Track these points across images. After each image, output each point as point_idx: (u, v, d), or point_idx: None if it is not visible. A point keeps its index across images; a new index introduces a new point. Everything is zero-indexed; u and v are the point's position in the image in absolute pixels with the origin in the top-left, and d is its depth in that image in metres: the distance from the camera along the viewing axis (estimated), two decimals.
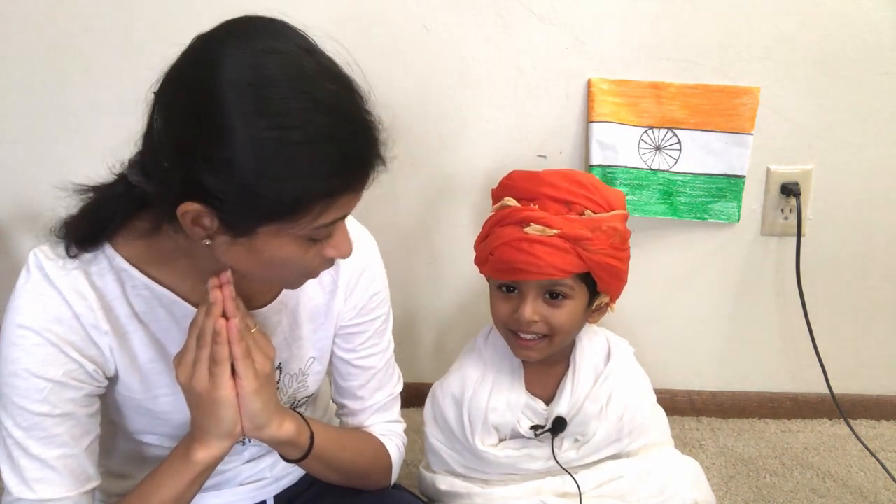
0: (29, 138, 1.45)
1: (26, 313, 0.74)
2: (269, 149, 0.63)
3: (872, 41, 1.35)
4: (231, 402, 0.77)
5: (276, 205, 0.66)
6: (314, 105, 0.65)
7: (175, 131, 0.66)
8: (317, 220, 0.69)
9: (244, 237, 0.69)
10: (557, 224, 0.97)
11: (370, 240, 0.96)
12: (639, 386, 1.14)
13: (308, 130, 0.64)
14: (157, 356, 0.82)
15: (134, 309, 0.79)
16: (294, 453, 0.86)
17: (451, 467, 1.14)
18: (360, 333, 0.96)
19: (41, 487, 0.75)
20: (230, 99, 0.62)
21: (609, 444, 1.11)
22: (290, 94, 0.64)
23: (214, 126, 0.63)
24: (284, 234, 0.69)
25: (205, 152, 0.64)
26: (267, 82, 0.63)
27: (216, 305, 0.75)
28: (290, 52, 0.66)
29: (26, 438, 0.75)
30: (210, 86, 0.63)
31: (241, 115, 0.62)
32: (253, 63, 0.64)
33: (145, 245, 0.77)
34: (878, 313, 1.57)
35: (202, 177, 0.64)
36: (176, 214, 0.68)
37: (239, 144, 0.63)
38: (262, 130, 0.63)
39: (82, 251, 0.76)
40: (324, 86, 0.66)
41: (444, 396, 1.12)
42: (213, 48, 0.65)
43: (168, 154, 0.66)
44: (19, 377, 0.74)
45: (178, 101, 0.66)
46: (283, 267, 0.73)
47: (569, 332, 1.05)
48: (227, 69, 0.63)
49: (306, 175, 0.65)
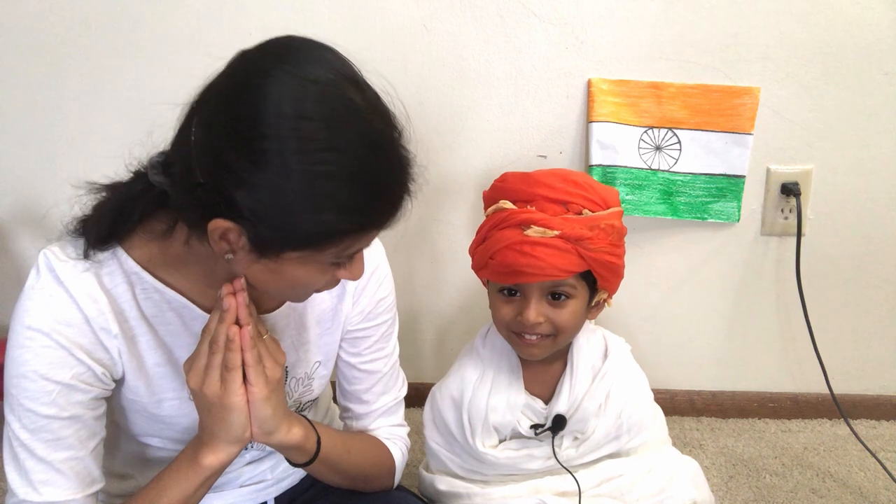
0: (29, 138, 1.45)
1: (36, 315, 0.74)
2: (307, 181, 0.64)
3: (872, 41, 1.35)
4: (242, 408, 0.77)
5: (306, 235, 0.67)
6: (353, 143, 0.65)
7: (214, 147, 0.66)
8: (343, 253, 0.71)
9: (269, 259, 0.69)
10: (557, 225, 0.97)
11: (378, 244, 0.96)
12: (636, 383, 1.14)
13: (345, 168, 0.65)
14: (163, 360, 0.82)
15: (143, 312, 0.79)
16: (301, 458, 0.86)
17: (450, 469, 1.14)
18: (366, 338, 0.96)
19: (47, 490, 0.75)
20: (272, 128, 0.63)
21: (608, 441, 1.11)
22: (330, 131, 0.64)
23: (254, 151, 0.63)
24: (309, 261, 0.70)
25: (242, 173, 0.64)
26: (309, 116, 0.64)
27: (230, 312, 0.75)
28: (334, 83, 0.66)
29: (33, 440, 0.75)
30: (254, 112, 0.63)
31: (281, 145, 0.63)
32: (298, 93, 0.64)
33: (157, 248, 0.77)
34: (878, 313, 1.57)
35: (237, 196, 0.65)
36: (201, 225, 0.68)
37: (276, 173, 0.63)
38: (301, 164, 0.63)
39: (98, 250, 0.76)
40: (365, 123, 0.67)
41: (444, 399, 1.12)
42: (258, 73, 0.65)
43: (205, 168, 0.66)
44: (28, 379, 0.74)
45: (220, 120, 0.66)
46: (299, 287, 0.75)
47: (573, 331, 1.06)
48: (271, 98, 0.63)
49: (339, 211, 0.66)
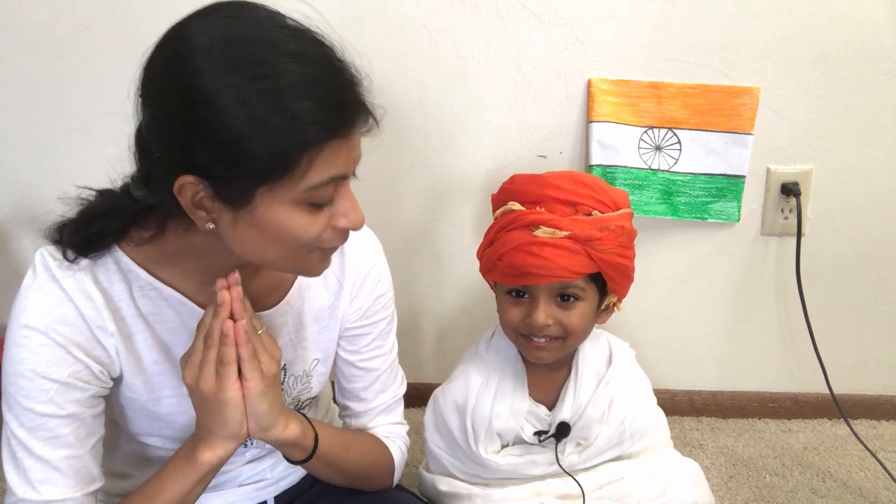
0: (29, 138, 1.45)
1: (32, 314, 0.74)
2: (244, 104, 0.63)
3: (872, 41, 1.35)
4: (237, 403, 0.77)
5: (260, 161, 0.65)
6: (283, 55, 0.65)
7: (158, 114, 0.67)
8: (308, 176, 0.67)
9: (244, 210, 0.68)
10: (567, 226, 0.96)
11: (375, 241, 0.96)
12: (640, 390, 1.13)
13: (277, 79, 0.64)
14: (161, 357, 0.82)
15: (140, 310, 0.79)
16: (298, 455, 0.86)
17: (451, 473, 1.13)
18: (364, 335, 0.96)
19: (46, 488, 0.75)
20: (203, 64, 0.64)
21: (610, 447, 1.10)
22: (257, 47, 0.65)
23: (190, 95, 0.64)
24: (282, 199, 0.68)
25: (187, 125, 0.65)
26: (232, 40, 0.65)
27: (224, 306, 0.75)
28: (256, 15, 0.67)
29: (31, 439, 0.75)
30: (183, 60, 0.65)
31: (209, 75, 0.63)
32: (217, 27, 0.65)
33: (152, 247, 0.77)
34: (878, 313, 1.57)
35: (190, 152, 0.65)
36: (180, 210, 0.68)
37: (216, 105, 0.63)
38: (231, 86, 0.63)
39: (82, 256, 0.76)
40: (294, 39, 0.67)
41: (447, 404, 1.11)
42: (178, 28, 0.67)
43: (156, 141, 0.67)
44: (25, 378, 0.74)
45: (157, 87, 0.67)
46: (293, 240, 0.71)
47: (582, 334, 1.04)
48: (193, 38, 0.65)
49: (282, 124, 0.65)
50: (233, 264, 0.76)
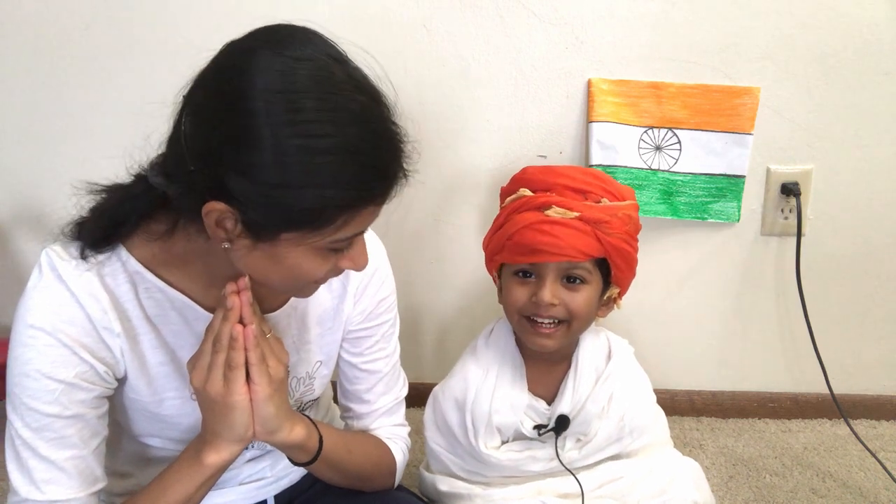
0: (29, 138, 1.45)
1: (38, 314, 0.74)
2: (295, 156, 0.63)
3: (872, 41, 1.35)
4: (245, 407, 0.77)
5: (300, 213, 0.66)
6: (342, 115, 0.65)
7: (203, 135, 0.66)
8: (339, 232, 0.69)
9: (266, 243, 0.69)
10: (578, 208, 0.99)
11: (379, 245, 0.96)
12: (639, 386, 1.14)
13: (335, 141, 0.65)
14: (165, 359, 0.82)
15: (146, 311, 0.79)
16: (303, 457, 0.86)
17: (451, 471, 1.13)
18: (367, 338, 0.96)
19: (50, 488, 0.75)
20: (259, 104, 0.63)
21: (610, 443, 1.11)
22: (319, 103, 0.64)
23: (243, 131, 0.63)
24: (305, 244, 0.69)
25: (232, 156, 0.64)
26: (296, 90, 0.64)
27: (234, 311, 0.75)
28: (320, 61, 0.66)
29: (36, 439, 0.75)
30: (240, 91, 0.63)
31: (269, 121, 0.63)
32: (283, 71, 0.64)
33: (159, 247, 0.77)
34: (879, 313, 1.57)
35: (228, 180, 0.65)
36: (198, 215, 0.68)
37: (266, 150, 0.63)
38: (290, 138, 0.63)
39: (96, 252, 0.76)
40: (353, 96, 0.66)
41: (446, 400, 1.12)
42: (243, 55, 0.66)
43: (195, 157, 0.66)
44: (30, 378, 0.74)
45: (208, 106, 0.66)
46: (299, 277, 0.73)
47: (585, 319, 1.05)
48: (257, 76, 0.63)
49: (331, 185, 0.65)
50: (237, 270, 0.77)
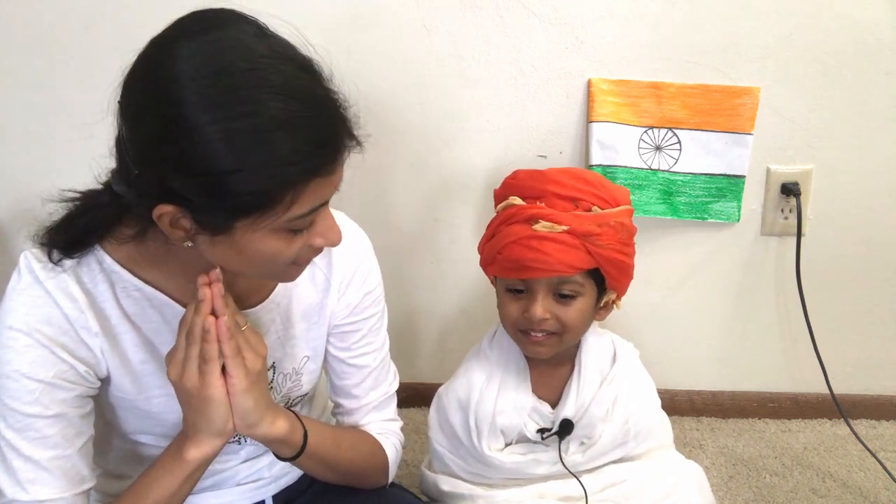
0: (29, 139, 1.45)
1: (16, 315, 0.74)
2: (223, 141, 0.62)
3: (872, 41, 1.35)
4: (221, 400, 0.77)
5: (242, 198, 0.65)
6: (268, 90, 0.63)
7: (137, 136, 0.66)
8: (291, 210, 0.67)
9: (222, 234, 0.68)
10: (566, 220, 0.97)
11: (363, 237, 0.96)
12: (644, 389, 1.13)
13: (265, 117, 0.63)
14: (148, 357, 0.82)
15: (124, 310, 0.79)
16: (287, 451, 0.86)
17: (454, 473, 1.13)
18: (354, 332, 0.96)
19: (35, 489, 0.75)
20: (183, 94, 0.62)
21: (615, 447, 1.10)
22: (242, 81, 0.63)
23: (170, 123, 0.63)
24: (261, 228, 0.68)
25: (166, 153, 0.64)
26: (215, 73, 0.63)
27: (205, 303, 0.74)
28: (240, 40, 0.65)
29: (19, 440, 0.75)
30: (163, 84, 0.63)
31: (193, 108, 0.62)
32: (201, 56, 0.63)
33: (134, 248, 0.77)
34: (878, 313, 1.57)
35: (168, 179, 0.64)
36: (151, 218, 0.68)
37: (195, 140, 0.62)
38: (215, 122, 0.62)
39: (67, 257, 0.76)
40: (278, 68, 0.65)
41: (450, 402, 1.11)
42: (163, 47, 0.65)
43: (135, 160, 0.66)
44: (10, 379, 0.74)
45: (136, 104, 0.66)
46: (270, 261, 0.72)
47: (579, 330, 1.04)
48: (176, 65, 0.63)
49: (268, 163, 0.64)
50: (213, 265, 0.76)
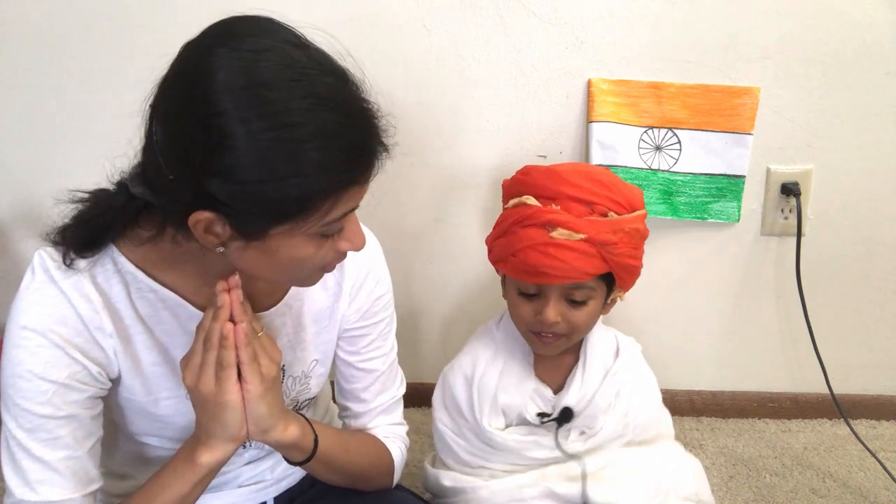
0: (29, 139, 1.45)
1: (30, 315, 0.74)
2: (270, 150, 0.63)
3: (872, 41, 1.35)
4: (237, 405, 0.77)
5: (284, 205, 0.66)
6: (311, 101, 0.65)
7: (176, 143, 0.66)
8: (327, 217, 0.69)
9: (257, 241, 0.69)
10: (583, 228, 0.97)
11: (374, 242, 0.96)
12: (646, 383, 1.15)
13: (308, 127, 0.64)
14: (159, 359, 0.82)
15: (138, 312, 0.79)
16: (298, 456, 0.86)
17: (457, 455, 1.14)
18: (363, 336, 0.96)
19: (44, 489, 0.75)
20: (227, 105, 0.62)
21: (614, 439, 1.11)
22: (286, 93, 0.64)
23: (215, 133, 0.63)
24: (296, 234, 0.69)
25: (208, 161, 0.64)
26: (261, 83, 0.63)
27: (224, 309, 0.75)
28: (280, 50, 0.65)
29: (29, 440, 0.75)
30: (205, 94, 0.63)
31: (239, 119, 0.62)
32: (245, 65, 0.63)
33: (150, 249, 0.77)
34: (878, 313, 1.57)
35: (208, 184, 0.65)
36: (184, 223, 0.68)
37: (240, 149, 0.63)
38: (262, 132, 0.63)
39: (81, 257, 0.76)
40: (319, 80, 0.66)
41: (456, 377, 1.13)
42: (202, 56, 0.65)
43: (173, 166, 0.66)
44: (23, 379, 0.74)
45: (175, 112, 0.66)
46: (299, 267, 0.73)
47: (587, 329, 1.08)
48: (219, 76, 0.63)
49: (311, 172, 0.65)
50: (229, 268, 0.77)
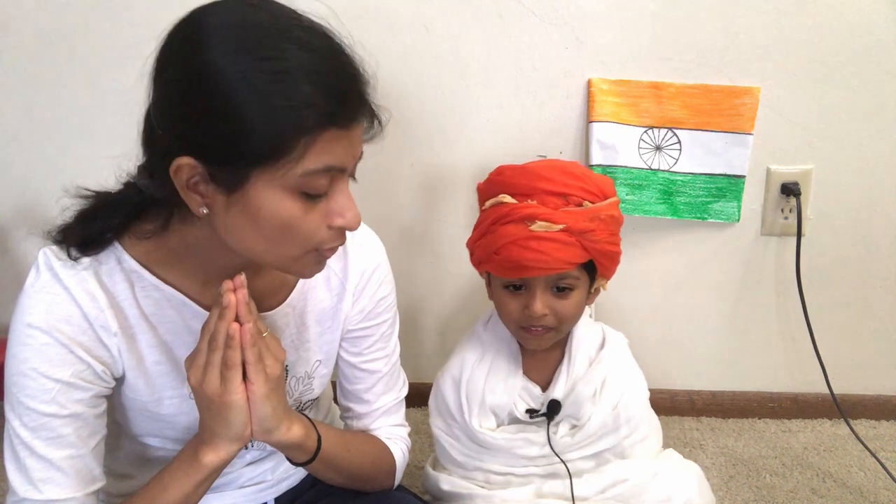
0: (29, 138, 1.45)
1: (35, 313, 0.74)
2: (244, 80, 0.64)
3: (872, 41, 1.35)
4: (241, 406, 0.76)
5: (257, 141, 0.65)
6: (291, 41, 0.66)
7: (164, 91, 0.68)
8: (303, 162, 0.67)
9: (236, 192, 0.68)
10: (561, 218, 0.99)
11: (378, 243, 0.96)
12: (632, 375, 1.16)
13: (285, 63, 0.65)
14: (163, 358, 0.81)
15: (143, 310, 0.79)
16: (301, 457, 0.86)
17: (452, 458, 1.14)
18: (366, 337, 0.96)
19: (47, 488, 0.75)
20: (209, 38, 0.65)
21: (605, 433, 1.11)
22: (265, 32, 0.66)
23: (195, 67, 0.65)
24: (275, 184, 0.67)
25: (190, 99, 0.65)
26: (243, 22, 0.66)
27: (229, 309, 0.74)
28: (273, 6, 0.69)
29: (33, 438, 0.74)
30: (191, 34, 0.66)
31: (217, 50, 0.65)
32: (232, 11, 0.67)
33: (154, 245, 0.77)
34: (878, 314, 1.57)
35: (190, 128, 0.66)
36: (179, 201, 0.69)
37: (217, 80, 0.64)
38: (238, 64, 0.64)
39: (84, 255, 0.76)
40: (302, 26, 0.68)
41: (445, 381, 1.15)
42: (193, 11, 0.69)
43: (160, 118, 0.68)
44: (28, 377, 0.74)
45: (164, 62, 0.69)
46: (287, 234, 0.71)
47: (575, 319, 1.09)
48: (206, 17, 0.67)
49: (281, 105, 0.65)
50: (233, 264, 0.76)
